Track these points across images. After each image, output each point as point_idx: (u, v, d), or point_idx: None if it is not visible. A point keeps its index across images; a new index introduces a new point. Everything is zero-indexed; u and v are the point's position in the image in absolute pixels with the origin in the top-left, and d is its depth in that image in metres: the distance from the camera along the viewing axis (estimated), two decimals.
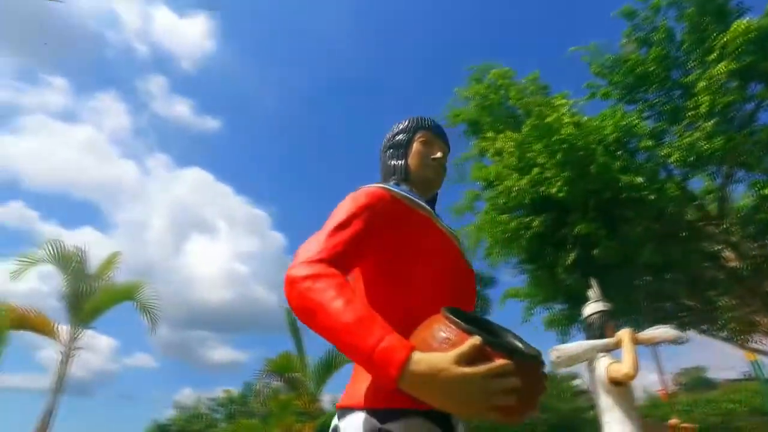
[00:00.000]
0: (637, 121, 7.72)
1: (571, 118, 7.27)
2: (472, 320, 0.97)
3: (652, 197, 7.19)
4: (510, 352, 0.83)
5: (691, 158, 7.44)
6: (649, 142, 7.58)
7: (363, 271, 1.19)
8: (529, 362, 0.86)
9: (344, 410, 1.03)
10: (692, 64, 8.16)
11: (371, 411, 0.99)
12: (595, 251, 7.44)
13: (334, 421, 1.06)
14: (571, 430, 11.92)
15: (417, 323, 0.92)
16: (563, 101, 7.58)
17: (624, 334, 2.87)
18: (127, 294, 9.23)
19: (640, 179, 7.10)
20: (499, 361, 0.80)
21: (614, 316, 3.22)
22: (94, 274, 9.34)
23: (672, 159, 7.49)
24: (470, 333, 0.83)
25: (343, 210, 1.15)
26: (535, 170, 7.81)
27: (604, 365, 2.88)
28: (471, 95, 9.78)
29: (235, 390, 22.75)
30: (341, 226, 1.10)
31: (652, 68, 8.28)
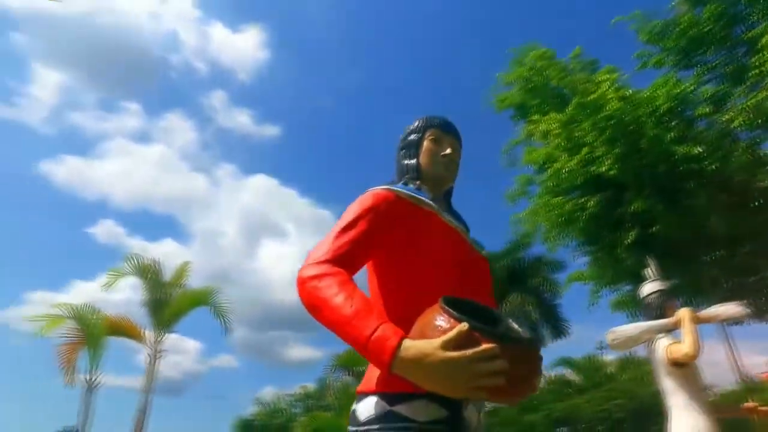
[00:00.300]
0: (692, 88, 7.24)
1: (616, 93, 6.98)
2: (473, 309, 1.02)
3: (714, 167, 6.73)
4: (498, 337, 0.87)
5: (759, 120, 6.87)
6: (707, 109, 7.08)
7: (375, 266, 1.30)
8: (518, 346, 0.89)
9: (361, 395, 1.13)
10: (756, 17, 7.51)
11: (382, 395, 1.07)
12: (655, 228, 7.11)
13: (353, 405, 1.16)
14: (651, 415, 11.32)
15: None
16: (606, 76, 7.28)
17: (684, 312, 2.74)
18: (202, 299, 10.06)
19: (698, 149, 6.67)
20: (485, 345, 0.84)
21: (674, 294, 3.10)
22: (170, 282, 10.30)
23: (735, 123, 6.97)
24: (460, 320, 0.88)
25: (349, 213, 1.24)
26: (584, 150, 7.59)
27: (663, 346, 2.75)
28: (514, 79, 9.62)
29: (311, 386, 23.86)
30: (346, 228, 1.20)
31: (708, 28, 7.71)
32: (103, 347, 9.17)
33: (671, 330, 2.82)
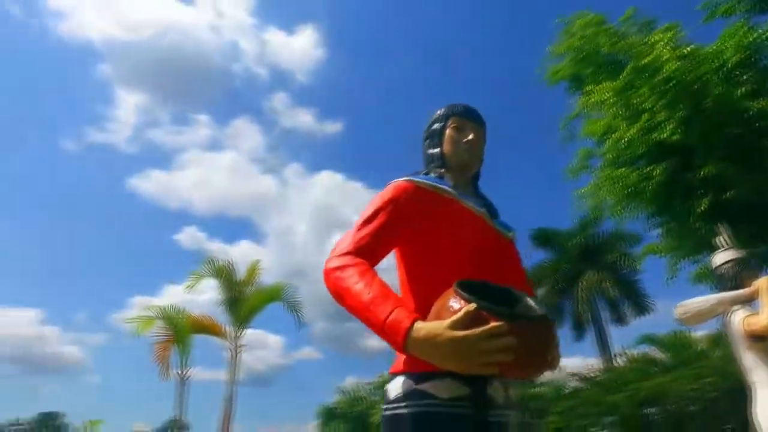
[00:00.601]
0: None
1: (673, 52, 6.50)
2: (491, 290, 1.09)
3: None
4: (505, 315, 0.90)
5: None
6: None
7: (400, 254, 1.36)
8: (526, 323, 0.93)
9: (392, 375, 1.20)
10: None
11: (409, 374, 1.14)
12: (729, 193, 6.58)
13: (386, 385, 1.25)
14: (746, 394, 10.45)
15: None
16: (661, 36, 6.79)
17: (763, 282, 2.52)
18: (274, 295, 10.72)
19: None
20: (492, 324, 0.88)
21: (751, 263, 2.84)
22: (243, 281, 11.06)
23: None
24: (469, 302, 0.93)
25: (371, 205, 1.32)
26: (644, 117, 7.16)
27: (739, 319, 2.57)
28: (564, 51, 9.22)
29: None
30: (368, 221, 1.27)
31: None
32: (189, 344, 10.16)
33: (748, 302, 2.63)
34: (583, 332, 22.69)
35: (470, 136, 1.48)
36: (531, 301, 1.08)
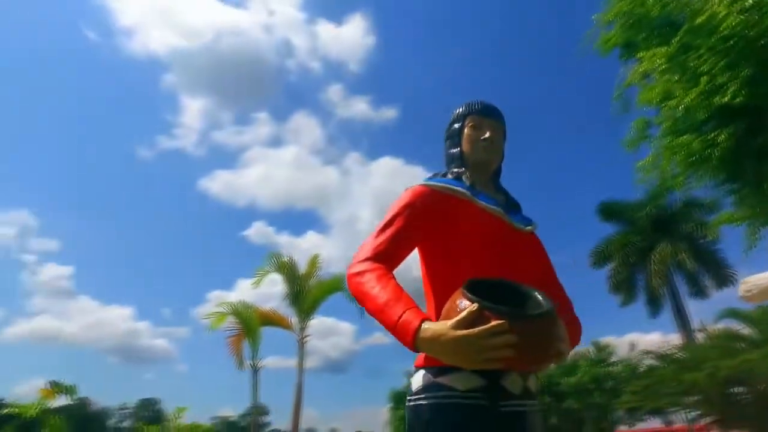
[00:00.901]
0: None
1: (732, 7, 5.96)
2: (498, 287, 1.15)
3: None
4: (505, 314, 0.96)
5: None
6: None
7: (422, 252, 1.44)
8: (526, 321, 0.98)
9: (415, 369, 1.30)
10: None
11: (429, 368, 1.23)
12: None
13: (410, 378, 1.34)
14: None
15: None
16: None
17: None
18: (335, 287, 11.17)
19: None
20: (493, 322, 0.94)
21: None
22: (304, 274, 11.57)
23: None
24: (473, 302, 0.99)
25: (389, 211, 1.40)
26: (703, 80, 6.64)
27: None
28: (614, 17, 8.69)
29: None
30: (385, 227, 1.37)
31: None
32: (259, 337, 10.87)
33: None
34: (658, 308, 21.54)
35: (487, 134, 1.52)
36: (540, 297, 1.11)
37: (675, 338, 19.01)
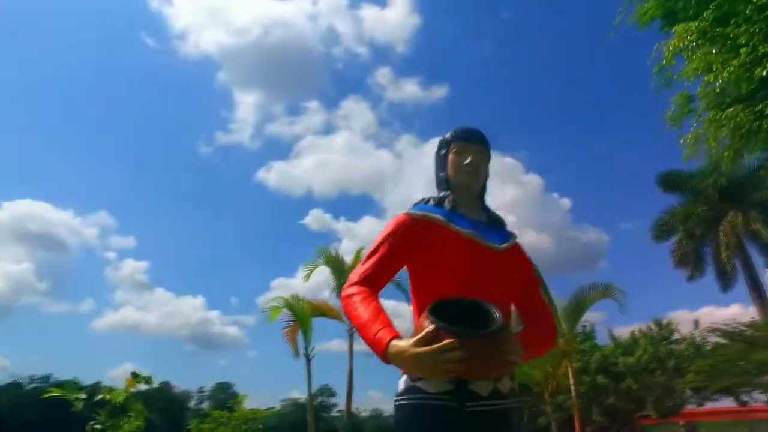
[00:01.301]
0: None
1: None
2: (463, 305, 1.32)
3: None
4: (457, 333, 1.13)
5: None
6: None
7: (409, 273, 1.62)
8: (474, 338, 1.14)
9: (401, 374, 1.44)
10: None
11: (409, 374, 1.40)
12: None
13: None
14: None
15: None
16: None
17: None
18: None
19: None
20: (445, 341, 1.12)
21: None
22: (350, 267, 12.08)
23: None
24: (433, 323, 1.17)
25: (375, 240, 1.60)
26: (743, 51, 6.29)
27: None
28: None
29: None
30: (371, 254, 1.57)
31: None
32: (310, 328, 11.62)
33: None
34: (730, 281, 20.26)
35: (469, 159, 1.65)
36: (497, 315, 1.25)
37: (747, 313, 17.87)
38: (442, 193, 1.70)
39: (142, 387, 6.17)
